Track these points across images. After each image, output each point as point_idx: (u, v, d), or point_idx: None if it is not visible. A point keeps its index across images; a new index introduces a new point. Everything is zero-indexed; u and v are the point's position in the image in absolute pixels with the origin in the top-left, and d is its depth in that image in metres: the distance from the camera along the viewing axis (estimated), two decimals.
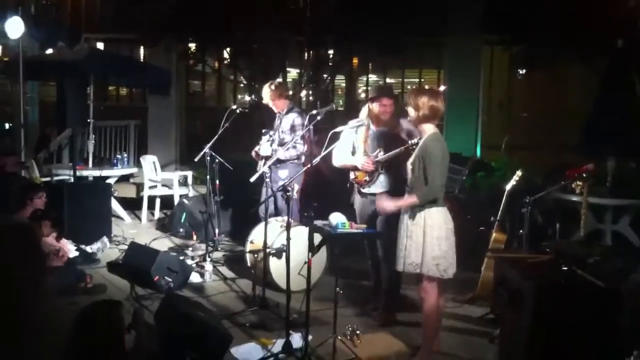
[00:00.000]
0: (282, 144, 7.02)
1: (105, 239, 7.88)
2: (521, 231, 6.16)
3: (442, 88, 12.50)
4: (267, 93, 7.28)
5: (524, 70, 12.87)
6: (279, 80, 9.99)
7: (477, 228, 6.76)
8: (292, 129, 7.07)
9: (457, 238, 4.77)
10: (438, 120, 4.83)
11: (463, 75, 11.87)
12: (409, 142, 5.24)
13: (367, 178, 5.77)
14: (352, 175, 5.88)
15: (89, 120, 9.92)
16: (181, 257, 7.02)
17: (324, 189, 7.35)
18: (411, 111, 4.78)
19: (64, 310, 5.14)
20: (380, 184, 5.74)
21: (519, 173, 6.28)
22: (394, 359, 5.07)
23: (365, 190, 5.80)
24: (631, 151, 8.01)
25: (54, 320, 3.28)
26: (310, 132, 6.94)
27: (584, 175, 5.58)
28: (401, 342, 5.32)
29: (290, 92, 8.20)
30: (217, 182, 7.82)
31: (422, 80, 13.57)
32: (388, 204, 4.93)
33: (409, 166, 4.82)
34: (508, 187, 6.26)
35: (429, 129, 4.76)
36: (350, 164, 5.82)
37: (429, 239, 4.65)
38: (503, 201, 6.24)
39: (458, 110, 11.50)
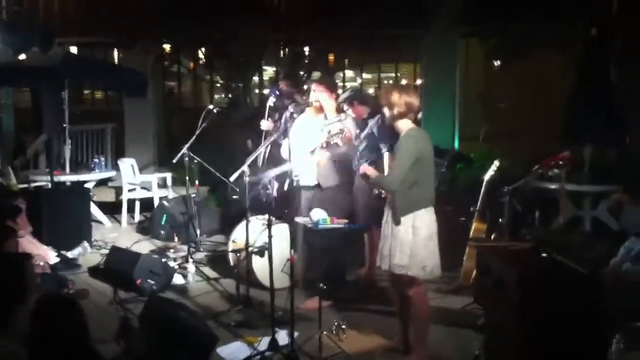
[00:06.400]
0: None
1: (85, 243, 7.82)
2: (501, 220, 6.21)
3: (418, 82, 12.55)
4: None
5: (500, 62, 12.93)
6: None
7: (458, 219, 6.79)
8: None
9: (439, 230, 4.78)
10: (414, 115, 4.80)
11: (439, 68, 11.93)
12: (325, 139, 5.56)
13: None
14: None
15: (64, 125, 9.82)
16: (163, 259, 6.98)
17: None
18: (386, 111, 4.76)
19: None
20: (310, 177, 5.88)
21: (496, 163, 6.34)
22: (380, 353, 5.09)
23: (300, 182, 5.96)
24: (607, 138, 8.08)
25: None
26: (287, 129, 6.95)
27: (561, 162, 5.63)
28: (388, 336, 5.33)
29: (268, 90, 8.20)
30: (197, 182, 7.78)
31: (399, 74, 13.60)
32: (368, 169, 4.92)
33: None
34: (486, 177, 6.31)
35: (405, 125, 4.72)
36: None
37: (416, 240, 4.61)
38: (482, 191, 6.28)
39: (435, 104, 11.56)
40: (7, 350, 3.37)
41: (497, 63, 13.05)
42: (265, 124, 7.10)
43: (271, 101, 6.97)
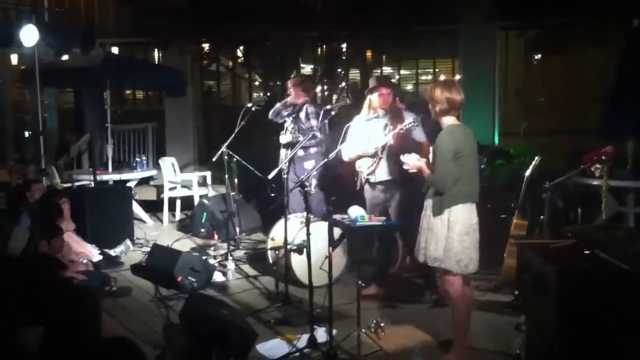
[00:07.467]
0: (302, 132, 7.12)
1: (128, 241, 7.94)
2: (542, 217, 6.12)
3: (457, 77, 12.43)
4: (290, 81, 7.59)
5: (540, 55, 12.75)
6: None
7: (498, 216, 6.71)
8: (307, 117, 7.19)
9: (479, 226, 4.74)
10: (458, 111, 4.74)
11: (478, 62, 11.81)
12: (403, 125, 5.47)
13: (369, 165, 5.82)
14: (357, 165, 5.99)
15: (106, 125, 9.98)
16: (203, 257, 7.06)
17: (339, 182, 7.37)
18: (431, 107, 4.75)
19: None
20: (384, 171, 5.81)
21: (537, 159, 6.24)
22: (419, 351, 5.07)
23: (371, 179, 5.89)
24: None
25: None
26: (325, 127, 6.99)
27: (603, 158, 5.52)
28: (426, 333, 5.32)
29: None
30: (236, 180, 7.83)
31: (437, 70, 13.50)
32: (413, 161, 4.83)
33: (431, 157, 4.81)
34: (527, 173, 6.21)
35: (447, 121, 4.69)
36: (356, 154, 5.93)
37: (451, 234, 4.59)
38: (523, 187, 6.20)
39: (474, 99, 11.37)
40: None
41: (536, 57, 12.89)
42: (285, 138, 7.21)
43: (289, 124, 7.17)
